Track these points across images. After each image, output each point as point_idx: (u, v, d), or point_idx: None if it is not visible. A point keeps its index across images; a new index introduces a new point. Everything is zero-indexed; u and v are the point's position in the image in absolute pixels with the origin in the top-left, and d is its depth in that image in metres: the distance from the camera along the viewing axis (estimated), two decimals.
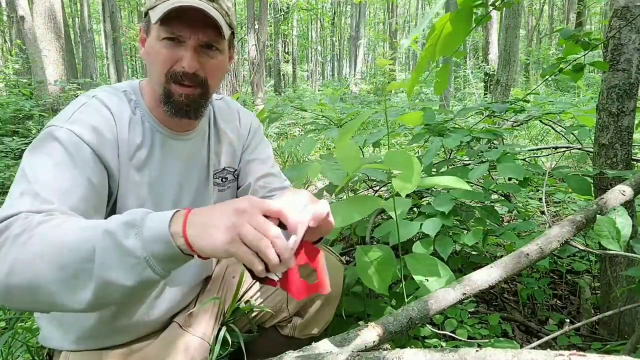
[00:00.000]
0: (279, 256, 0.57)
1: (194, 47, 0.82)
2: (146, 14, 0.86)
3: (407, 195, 0.84)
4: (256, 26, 10.38)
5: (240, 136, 1.07)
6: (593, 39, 1.39)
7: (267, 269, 0.58)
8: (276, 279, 0.61)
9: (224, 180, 1.04)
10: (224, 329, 1.05)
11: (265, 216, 0.59)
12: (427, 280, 0.99)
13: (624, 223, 0.91)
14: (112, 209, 0.85)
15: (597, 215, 0.94)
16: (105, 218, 0.81)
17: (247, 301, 1.12)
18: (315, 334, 1.13)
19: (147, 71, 0.89)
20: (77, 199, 0.73)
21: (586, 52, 1.43)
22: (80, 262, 0.58)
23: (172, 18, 0.79)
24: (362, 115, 0.82)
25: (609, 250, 0.89)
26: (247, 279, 1.11)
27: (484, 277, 0.86)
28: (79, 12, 18.64)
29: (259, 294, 1.12)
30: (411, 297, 1.23)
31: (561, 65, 1.52)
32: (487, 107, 1.91)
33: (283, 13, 19.09)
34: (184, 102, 0.85)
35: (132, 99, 0.90)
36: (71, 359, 0.88)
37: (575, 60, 1.49)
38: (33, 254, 0.59)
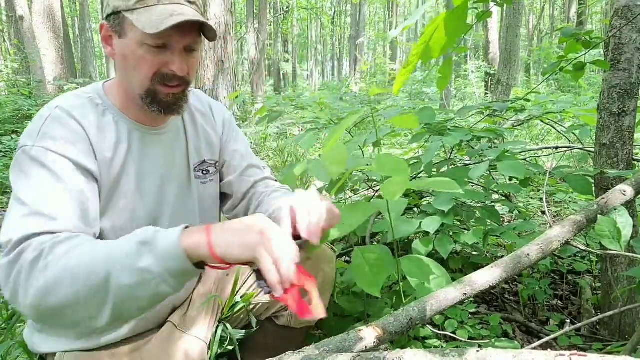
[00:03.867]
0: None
1: (180, 51, 0.84)
2: (116, 12, 0.82)
3: (406, 195, 0.83)
4: (256, 25, 10.38)
5: (216, 129, 1.08)
6: (594, 38, 1.39)
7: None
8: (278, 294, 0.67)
9: (205, 172, 1.05)
10: (221, 327, 1.04)
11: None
12: (424, 284, 0.98)
13: (624, 223, 0.90)
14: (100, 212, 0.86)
15: (599, 216, 0.93)
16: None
17: (244, 295, 1.12)
18: (310, 322, 1.14)
19: (121, 72, 0.87)
20: (73, 211, 0.75)
21: (587, 50, 1.42)
22: (97, 286, 0.62)
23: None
24: (347, 119, 0.81)
25: (610, 250, 0.88)
26: (243, 275, 1.12)
27: (485, 277, 0.85)
28: (78, 12, 18.63)
29: (254, 286, 1.12)
30: (410, 297, 1.22)
31: (562, 64, 1.51)
32: (488, 106, 1.90)
33: (283, 13, 19.08)
34: (171, 102, 0.87)
35: (98, 103, 0.88)
36: (66, 359, 0.87)
37: (576, 58, 1.49)
38: (53, 281, 0.63)
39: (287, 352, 0.71)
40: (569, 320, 1.41)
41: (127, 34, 0.82)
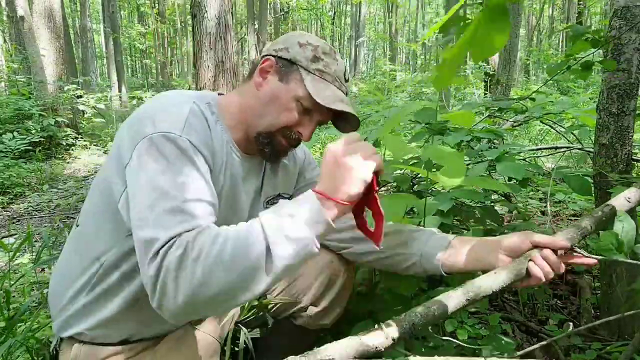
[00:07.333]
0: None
1: (316, 123, 0.92)
2: (291, 61, 0.88)
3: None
4: (256, 26, 10.38)
5: (296, 160, 1.11)
6: (602, 37, 1.37)
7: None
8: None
9: None
10: (242, 332, 1.05)
11: None
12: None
13: (627, 229, 0.91)
14: None
15: (601, 233, 0.93)
16: None
17: (265, 296, 1.12)
18: (327, 324, 1.14)
19: (258, 105, 0.90)
20: (210, 212, 0.77)
21: (595, 49, 1.41)
22: (256, 261, 0.66)
23: None
24: (403, 111, 0.83)
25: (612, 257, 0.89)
26: None
27: (489, 283, 0.86)
28: (79, 12, 18.62)
29: (276, 286, 1.13)
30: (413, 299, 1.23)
31: (569, 63, 1.50)
32: (492, 104, 1.89)
33: (283, 13, 19.08)
34: (281, 151, 0.94)
35: (214, 111, 0.90)
36: (83, 351, 0.88)
37: (583, 58, 1.48)
38: (209, 271, 0.65)
39: (288, 357, 0.72)
40: (571, 324, 1.40)
41: (290, 83, 0.88)
